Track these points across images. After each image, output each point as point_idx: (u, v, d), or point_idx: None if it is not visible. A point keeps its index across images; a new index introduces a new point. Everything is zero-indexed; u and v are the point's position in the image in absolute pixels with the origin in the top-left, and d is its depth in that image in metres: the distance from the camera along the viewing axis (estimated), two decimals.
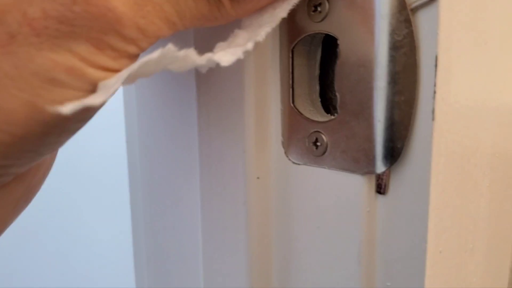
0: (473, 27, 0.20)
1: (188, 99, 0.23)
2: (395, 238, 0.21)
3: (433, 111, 0.19)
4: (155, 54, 0.16)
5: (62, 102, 0.16)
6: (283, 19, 0.19)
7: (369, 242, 0.21)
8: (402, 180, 0.20)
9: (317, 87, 0.23)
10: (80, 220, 0.82)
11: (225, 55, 0.17)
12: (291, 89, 0.22)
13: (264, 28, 0.18)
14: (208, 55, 0.17)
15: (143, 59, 0.16)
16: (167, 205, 0.27)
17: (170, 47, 0.15)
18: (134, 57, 0.17)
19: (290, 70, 0.22)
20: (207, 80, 0.23)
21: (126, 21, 0.16)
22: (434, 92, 0.18)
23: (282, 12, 0.18)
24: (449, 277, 0.22)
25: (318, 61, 0.23)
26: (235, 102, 0.22)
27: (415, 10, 0.18)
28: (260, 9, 0.19)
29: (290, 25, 0.21)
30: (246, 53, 0.17)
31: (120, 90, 0.29)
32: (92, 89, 0.16)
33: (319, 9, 0.20)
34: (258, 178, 0.23)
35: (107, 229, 0.78)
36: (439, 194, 0.20)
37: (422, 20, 0.18)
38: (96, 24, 0.16)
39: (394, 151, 0.19)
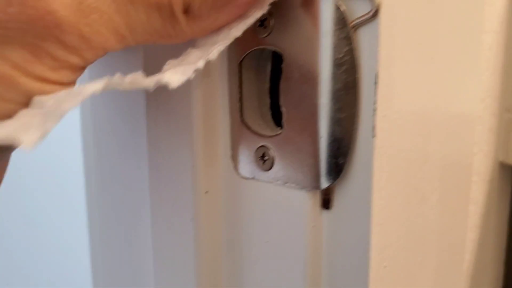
0: (418, 43, 0.21)
1: (137, 112, 0.23)
2: (340, 253, 0.21)
3: (373, 128, 0.19)
4: (99, 85, 0.15)
5: None
6: None
7: (315, 257, 0.21)
8: (346, 195, 0.20)
9: (268, 100, 0.23)
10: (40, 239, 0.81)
11: (174, 74, 0.16)
12: (239, 103, 0.22)
13: (217, 47, 0.18)
14: (156, 77, 0.16)
15: (85, 89, 0.15)
16: (120, 220, 0.27)
17: (118, 76, 0.15)
18: (78, 69, 0.16)
19: (238, 84, 0.22)
20: (156, 94, 0.23)
21: (67, 27, 0.15)
22: (374, 110, 0.19)
23: (237, 31, 0.18)
24: None
25: (268, 74, 0.23)
26: (183, 116, 0.22)
27: (356, 27, 0.18)
28: (217, 29, 0.19)
29: (236, 39, 0.21)
30: (197, 71, 0.17)
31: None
32: (26, 101, 0.15)
33: (265, 24, 0.20)
34: (206, 192, 0.23)
35: (63, 235, 0.77)
36: (382, 210, 0.20)
37: (363, 38, 0.18)
38: (33, 28, 0.15)
39: (337, 167, 0.20)
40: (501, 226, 0.42)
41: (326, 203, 0.20)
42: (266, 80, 0.23)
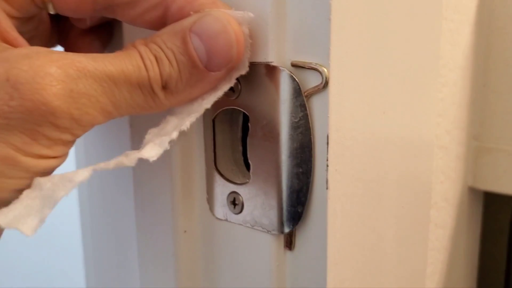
0: (368, 103, 0.23)
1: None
2: None
3: (326, 181, 0.21)
4: (87, 173, 0.18)
5: None
6: None
7: None
8: (306, 238, 0.23)
9: (240, 148, 0.26)
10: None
11: (152, 148, 0.19)
12: (213, 153, 0.25)
13: (190, 118, 0.21)
14: (136, 155, 0.19)
15: (76, 176, 0.18)
16: (111, 255, 0.29)
17: (103, 162, 0.18)
18: (69, 143, 0.19)
19: (212, 137, 0.25)
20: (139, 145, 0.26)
21: (59, 113, 0.18)
22: (327, 166, 0.21)
23: (208, 104, 0.21)
24: None
25: (240, 125, 0.26)
26: (164, 165, 0.25)
27: (309, 96, 0.21)
28: (191, 100, 0.21)
29: None
30: (172, 142, 0.20)
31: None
32: (27, 176, 0.18)
33: (234, 88, 0.23)
34: (185, 231, 0.26)
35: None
36: (337, 250, 0.23)
37: (315, 104, 0.21)
38: (30, 117, 0.17)
39: (297, 214, 0.22)
40: (472, 245, 0.45)
41: (288, 245, 0.23)
42: (238, 130, 0.26)
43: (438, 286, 0.39)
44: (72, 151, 0.32)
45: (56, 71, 0.18)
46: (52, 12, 0.22)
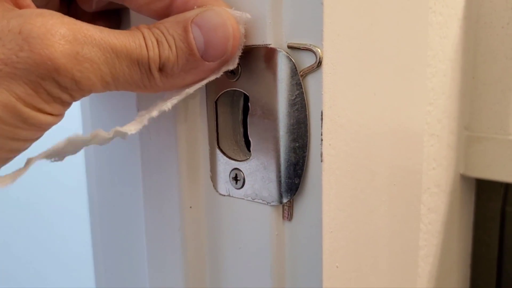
0: (359, 84, 0.25)
1: (133, 143, 0.28)
2: (300, 256, 0.25)
3: (321, 155, 0.23)
4: (61, 143, 0.20)
5: None
6: None
7: (279, 259, 0.26)
8: (303, 209, 0.25)
9: (241, 129, 0.28)
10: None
11: (133, 124, 0.21)
12: (216, 133, 0.27)
13: (172, 100, 0.23)
14: (114, 129, 0.21)
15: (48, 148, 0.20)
16: (119, 230, 0.31)
17: (77, 135, 0.20)
18: (66, 105, 0.21)
19: (215, 118, 0.26)
20: (149, 128, 0.27)
21: (63, 71, 0.19)
22: (321, 140, 0.23)
23: (191, 90, 0.23)
24: (348, 287, 0.27)
25: (241, 108, 0.27)
26: (171, 146, 0.27)
27: (304, 75, 0.23)
28: (184, 86, 0.23)
29: (211, 83, 0.26)
30: (151, 119, 0.22)
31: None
32: (24, 126, 0.19)
33: (234, 71, 0.25)
34: (190, 207, 0.27)
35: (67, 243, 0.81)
36: (332, 219, 0.24)
37: (310, 83, 0.23)
38: (36, 69, 0.19)
39: (294, 186, 0.24)
40: (465, 231, 0.47)
41: (287, 215, 0.25)
42: (239, 113, 0.27)
43: (433, 268, 0.41)
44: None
45: (66, 32, 0.19)
46: None
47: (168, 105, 0.23)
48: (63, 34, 0.19)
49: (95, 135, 0.21)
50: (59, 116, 0.21)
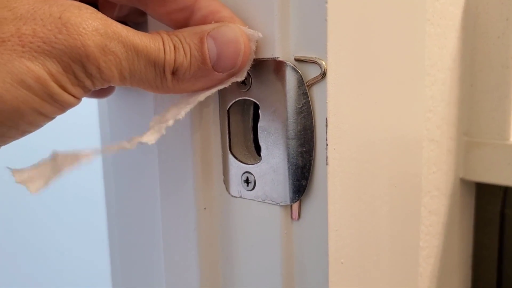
0: (361, 93, 0.27)
1: (151, 148, 0.30)
2: (308, 253, 0.27)
3: (326, 158, 0.25)
4: (90, 155, 0.22)
5: (22, 101, 0.20)
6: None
7: (288, 256, 0.27)
8: (310, 209, 0.27)
9: (251, 136, 0.30)
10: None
11: (152, 134, 0.24)
12: (228, 139, 0.29)
13: (185, 109, 0.25)
14: (137, 140, 0.23)
15: (82, 154, 0.22)
16: (136, 233, 0.33)
17: (107, 145, 0.22)
18: (87, 91, 0.23)
19: (227, 125, 0.28)
20: (166, 136, 0.29)
21: (92, 58, 0.21)
22: (326, 145, 0.25)
23: (202, 97, 0.25)
24: (353, 283, 0.28)
25: (251, 116, 0.29)
26: (186, 151, 0.29)
27: (310, 85, 0.25)
28: (192, 92, 0.25)
29: (224, 92, 0.28)
30: (168, 128, 0.24)
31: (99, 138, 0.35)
32: (49, 100, 0.21)
33: (245, 82, 0.27)
34: (205, 208, 0.29)
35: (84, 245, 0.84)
36: (337, 219, 0.26)
37: (316, 93, 0.25)
38: (69, 51, 0.21)
39: (301, 187, 0.26)
40: (465, 233, 0.49)
41: (295, 215, 0.27)
42: (250, 120, 0.29)
43: (434, 268, 0.43)
44: (97, 136, 0.36)
45: (98, 25, 0.22)
46: None
47: (182, 113, 0.25)
48: (96, 27, 0.22)
49: (119, 145, 0.23)
50: (78, 100, 0.23)
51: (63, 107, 0.22)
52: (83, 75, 0.22)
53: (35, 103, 0.21)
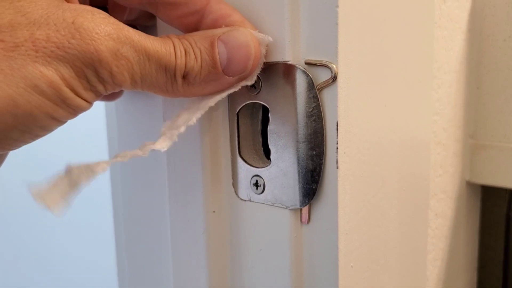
0: (371, 96, 0.27)
1: (159, 152, 0.30)
2: (317, 256, 0.27)
3: (337, 162, 0.25)
4: (105, 166, 0.22)
5: (35, 105, 0.20)
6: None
7: (298, 260, 0.27)
8: (320, 212, 0.27)
9: (260, 139, 0.30)
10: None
11: (164, 141, 0.24)
12: (237, 142, 0.29)
13: (196, 115, 0.25)
14: (149, 147, 0.23)
15: (97, 167, 0.22)
16: (145, 235, 0.33)
17: (121, 153, 0.22)
18: (98, 95, 0.23)
19: (236, 128, 0.28)
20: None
21: (104, 63, 0.22)
22: (337, 148, 0.25)
23: (212, 102, 0.25)
24: (362, 287, 0.28)
25: (260, 119, 0.29)
26: (195, 154, 0.29)
27: (320, 89, 0.25)
28: (202, 96, 0.25)
29: (234, 96, 0.28)
30: (180, 134, 0.24)
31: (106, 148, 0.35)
32: (61, 104, 0.21)
33: (255, 85, 0.27)
34: (214, 211, 0.29)
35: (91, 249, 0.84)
36: (347, 222, 0.26)
37: (326, 96, 0.25)
38: (82, 56, 0.21)
39: (311, 191, 0.26)
40: (471, 236, 0.49)
41: (305, 219, 0.27)
42: (259, 124, 0.29)
43: (440, 271, 0.43)
44: (105, 143, 0.36)
45: (111, 30, 0.22)
46: None
47: (193, 119, 0.25)
48: (108, 32, 0.22)
49: (133, 154, 0.23)
50: (90, 104, 0.23)
51: (75, 111, 0.22)
52: (96, 80, 0.22)
53: (48, 107, 0.21)
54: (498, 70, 0.44)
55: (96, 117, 0.37)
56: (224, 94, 0.26)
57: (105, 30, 0.22)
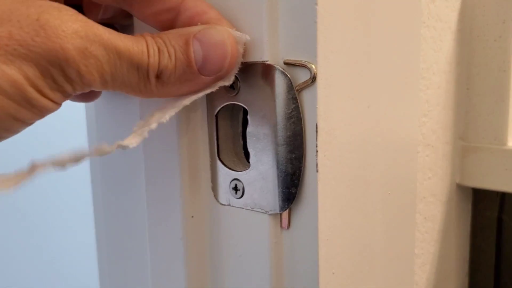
0: (353, 97, 0.26)
1: (136, 154, 0.29)
2: (298, 263, 0.26)
3: (316, 165, 0.24)
4: (66, 154, 0.21)
5: None
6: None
7: (278, 266, 0.27)
8: (300, 217, 0.26)
9: (241, 142, 0.29)
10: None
11: (133, 137, 0.23)
12: (216, 145, 0.28)
13: (169, 112, 0.24)
14: (117, 143, 0.22)
15: (57, 160, 0.21)
16: (124, 240, 0.32)
17: (85, 148, 0.21)
18: (66, 96, 0.22)
19: (215, 130, 0.28)
20: (151, 140, 0.29)
21: (71, 62, 0.21)
22: (316, 151, 0.24)
23: (187, 101, 0.24)
24: None
25: (240, 121, 0.29)
26: (173, 157, 0.28)
27: (300, 90, 0.24)
28: (177, 95, 0.25)
29: (212, 97, 0.27)
30: (154, 133, 0.23)
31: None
32: (26, 106, 0.21)
33: (233, 86, 0.26)
34: (192, 216, 0.28)
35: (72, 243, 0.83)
36: (327, 227, 0.25)
37: (305, 97, 0.24)
38: (48, 54, 0.20)
39: (291, 195, 0.25)
40: (462, 239, 0.48)
41: (284, 224, 0.26)
42: (239, 125, 0.29)
43: (430, 276, 0.42)
44: (85, 140, 0.35)
45: (79, 27, 0.21)
46: None
47: (166, 117, 0.24)
48: (75, 29, 0.21)
49: (99, 148, 0.22)
50: (58, 105, 0.22)
51: (41, 112, 0.21)
52: (62, 79, 0.21)
53: (12, 109, 0.20)
54: (489, 70, 0.43)
55: (76, 118, 0.36)
56: (201, 94, 0.25)
57: (72, 28, 0.21)
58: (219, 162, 0.28)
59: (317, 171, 0.24)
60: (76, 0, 0.27)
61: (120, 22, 0.29)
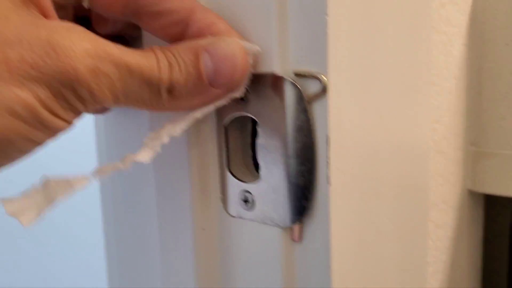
0: (365, 107, 0.26)
1: (147, 168, 0.29)
2: (310, 277, 0.26)
3: (328, 177, 0.24)
4: (84, 181, 0.21)
5: (11, 129, 0.20)
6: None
7: (290, 281, 0.26)
8: (312, 230, 0.25)
9: (250, 152, 0.28)
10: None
11: (146, 152, 0.22)
12: (226, 156, 0.27)
13: (181, 126, 0.24)
14: (131, 159, 0.22)
15: (77, 182, 0.21)
16: (135, 251, 0.32)
17: (101, 167, 0.21)
18: (78, 114, 0.22)
19: (225, 142, 0.27)
20: (161, 152, 0.28)
21: (83, 82, 0.20)
22: (328, 163, 0.24)
23: (199, 114, 0.24)
24: None
25: (249, 132, 0.28)
26: (183, 169, 0.28)
27: (310, 101, 0.24)
28: (189, 108, 0.24)
29: (222, 109, 0.26)
30: (164, 145, 0.23)
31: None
32: (40, 127, 0.20)
33: (243, 98, 0.26)
34: (203, 229, 0.28)
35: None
36: (340, 240, 0.25)
37: (316, 109, 0.24)
38: (59, 76, 0.20)
39: (302, 209, 0.25)
40: (474, 247, 0.47)
41: (296, 237, 0.26)
42: (248, 136, 0.28)
43: (442, 285, 0.41)
44: (94, 155, 0.35)
45: (89, 46, 0.21)
46: (86, 6, 0.25)
47: (177, 130, 0.24)
48: (86, 48, 0.21)
49: (114, 167, 0.22)
50: (70, 124, 0.22)
51: (54, 132, 0.21)
52: (74, 99, 0.21)
53: (25, 130, 0.20)
54: (500, 75, 0.43)
55: (85, 129, 0.36)
56: (212, 107, 0.25)
57: (82, 47, 0.20)
58: (228, 174, 0.27)
59: (328, 184, 0.24)
60: (85, 12, 0.27)
61: (129, 34, 0.29)
